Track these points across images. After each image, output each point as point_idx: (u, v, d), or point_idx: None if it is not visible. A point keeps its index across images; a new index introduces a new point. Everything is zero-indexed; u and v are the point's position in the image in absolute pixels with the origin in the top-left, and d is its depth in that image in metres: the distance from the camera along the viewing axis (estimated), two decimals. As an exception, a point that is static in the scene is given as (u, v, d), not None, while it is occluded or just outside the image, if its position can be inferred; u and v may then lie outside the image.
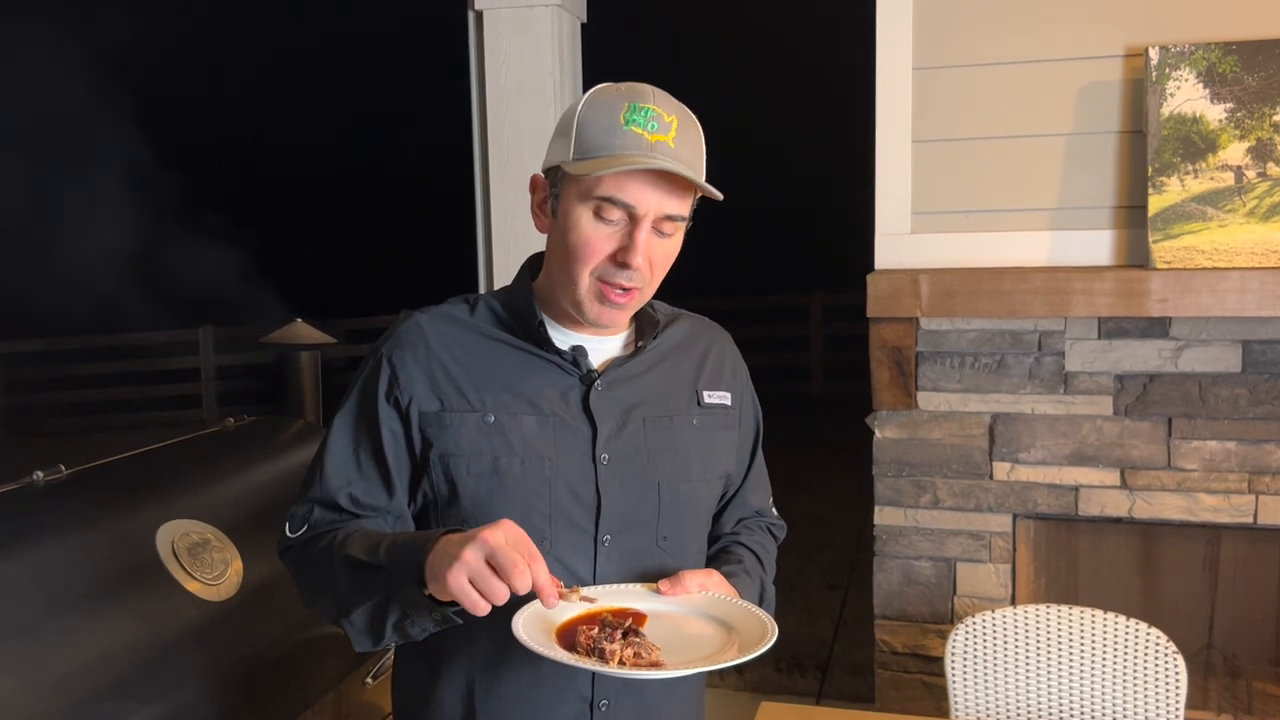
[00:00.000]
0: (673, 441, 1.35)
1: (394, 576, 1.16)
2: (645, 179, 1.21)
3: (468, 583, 1.06)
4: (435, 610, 1.14)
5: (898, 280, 2.49)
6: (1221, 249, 2.31)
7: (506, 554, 1.06)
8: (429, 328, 1.33)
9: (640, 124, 1.22)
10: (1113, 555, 2.68)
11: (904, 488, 2.63)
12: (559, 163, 1.26)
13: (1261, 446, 2.39)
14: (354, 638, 1.24)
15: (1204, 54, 2.34)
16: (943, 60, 2.56)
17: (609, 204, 1.22)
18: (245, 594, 1.92)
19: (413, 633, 1.20)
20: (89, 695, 1.55)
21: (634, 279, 1.25)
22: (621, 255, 1.23)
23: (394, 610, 1.18)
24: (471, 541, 1.07)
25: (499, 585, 1.06)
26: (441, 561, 1.08)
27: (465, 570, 1.06)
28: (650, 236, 1.24)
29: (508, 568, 1.06)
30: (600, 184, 1.22)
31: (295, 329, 2.80)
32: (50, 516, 1.84)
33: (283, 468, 2.35)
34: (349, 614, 1.22)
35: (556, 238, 1.29)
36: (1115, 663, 1.99)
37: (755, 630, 1.19)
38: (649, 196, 1.22)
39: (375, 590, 1.18)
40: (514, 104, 3.00)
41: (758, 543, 1.47)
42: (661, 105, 1.24)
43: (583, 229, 1.24)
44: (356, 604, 1.21)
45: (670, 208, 1.24)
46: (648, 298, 1.32)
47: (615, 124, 1.22)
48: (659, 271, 1.29)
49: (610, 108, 1.23)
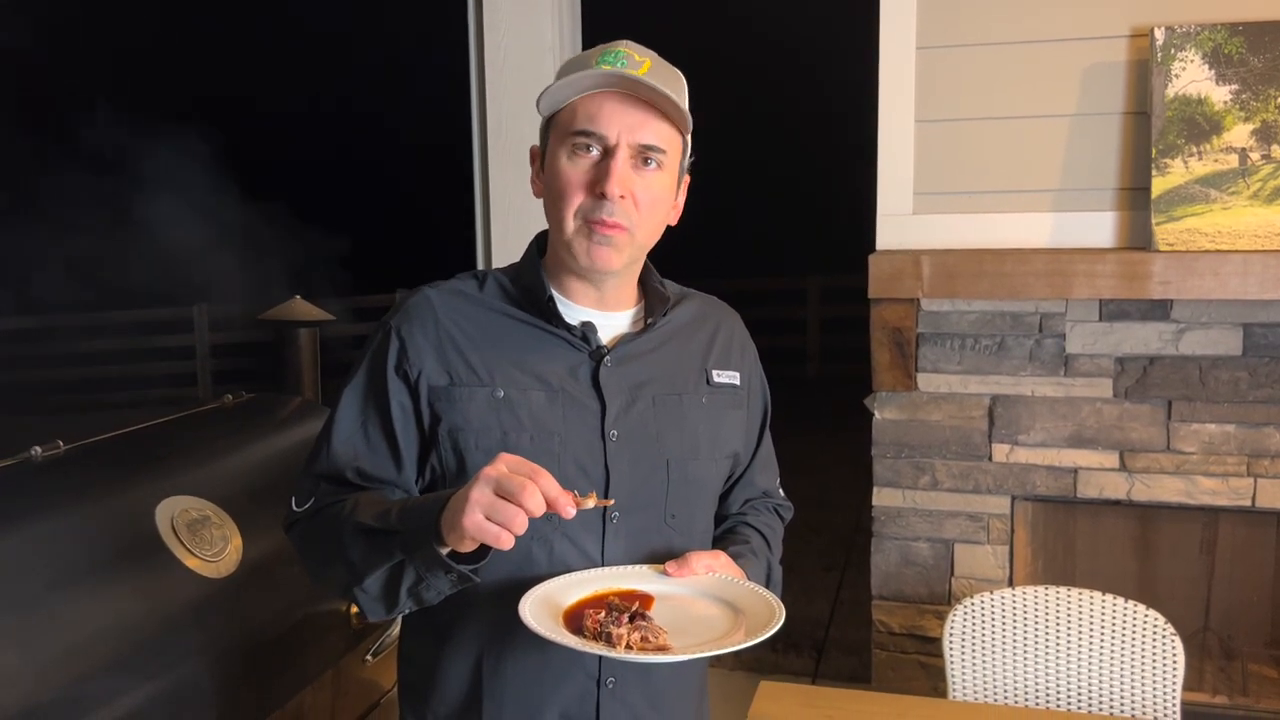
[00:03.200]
0: (681, 420, 1.34)
1: (409, 539, 1.15)
2: (616, 106, 1.22)
3: (484, 519, 1.05)
4: (452, 570, 1.13)
5: (899, 261, 2.48)
6: (1224, 231, 2.31)
7: (510, 479, 1.06)
8: (438, 301, 1.32)
9: (610, 62, 1.23)
10: (1110, 537, 2.69)
11: (903, 469, 2.63)
12: (542, 113, 1.28)
13: (1261, 430, 2.39)
14: (366, 606, 1.22)
15: (1210, 35, 2.32)
16: (947, 39, 2.55)
17: (582, 137, 1.22)
18: (245, 570, 1.91)
19: (427, 597, 1.19)
20: (88, 671, 1.55)
21: (614, 212, 1.22)
22: (597, 186, 1.22)
23: (409, 574, 1.17)
24: (474, 482, 1.07)
25: (513, 510, 1.05)
26: (454, 513, 1.08)
27: (478, 508, 1.06)
28: (628, 169, 1.23)
29: (516, 491, 1.05)
30: (573, 119, 1.23)
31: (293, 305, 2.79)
32: (48, 492, 1.83)
33: (282, 445, 2.34)
34: (361, 581, 1.20)
35: (546, 192, 1.29)
36: (1112, 644, 2.00)
37: (763, 612, 1.19)
38: (619, 122, 1.21)
39: (389, 554, 1.17)
40: (513, 80, 2.98)
41: (765, 524, 1.46)
42: (634, 50, 1.25)
43: (561, 168, 1.24)
44: (370, 570, 1.19)
45: (646, 136, 1.23)
46: (642, 243, 1.29)
47: (586, 65, 1.24)
48: (646, 211, 1.25)
49: (583, 57, 1.26)
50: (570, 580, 1.24)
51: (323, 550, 1.27)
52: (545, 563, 1.27)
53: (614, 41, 1.28)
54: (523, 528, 1.06)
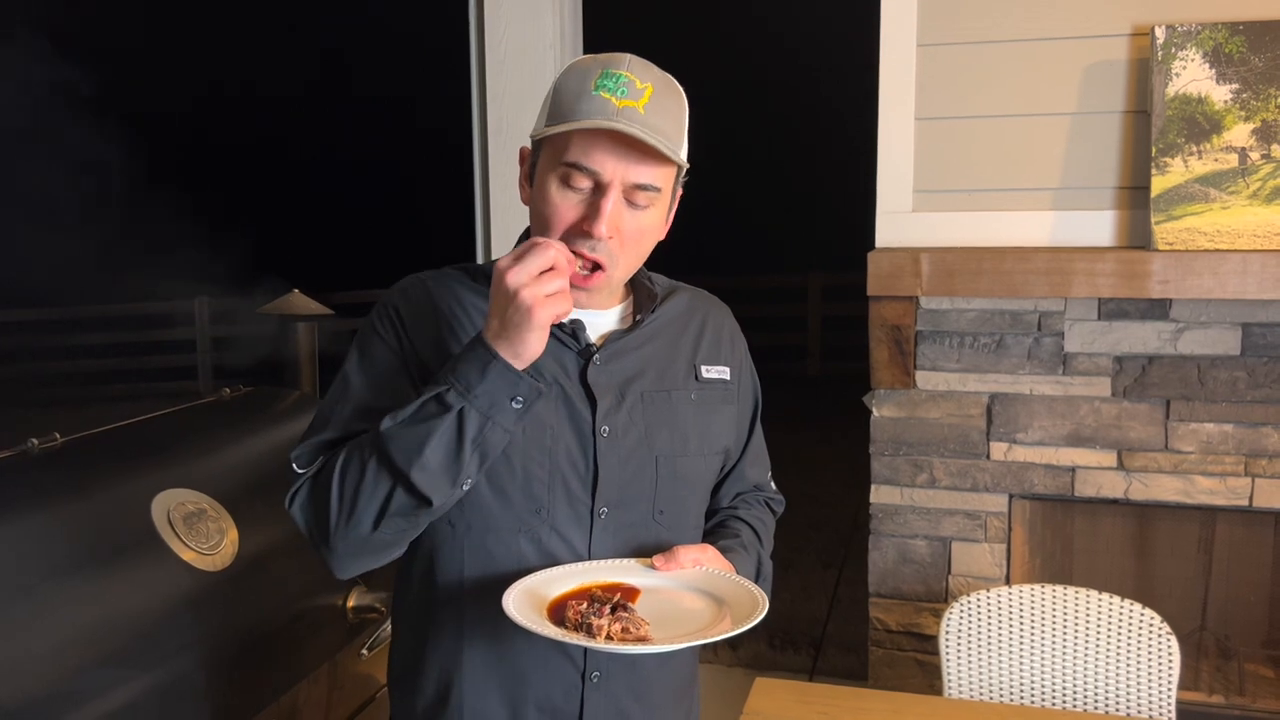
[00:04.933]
0: (671, 416, 1.34)
1: (462, 380, 1.13)
2: (611, 145, 1.18)
3: (530, 273, 1.10)
4: (518, 389, 1.13)
5: (899, 258, 2.48)
6: (1224, 231, 2.30)
7: (525, 248, 1.12)
8: (434, 286, 1.32)
9: (610, 89, 1.19)
10: (1108, 536, 2.69)
11: (901, 467, 2.63)
12: (535, 134, 1.25)
13: (1259, 429, 2.39)
14: (430, 485, 1.14)
15: (1210, 34, 2.32)
16: (948, 37, 2.54)
17: (575, 170, 1.19)
18: (241, 564, 1.91)
19: (493, 440, 1.15)
20: (84, 664, 1.55)
21: (598, 249, 1.20)
22: (586, 224, 1.20)
23: (472, 420, 1.13)
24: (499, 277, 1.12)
25: (545, 251, 1.12)
26: (510, 315, 1.11)
27: (522, 273, 1.10)
28: (619, 207, 1.20)
29: (534, 255, 1.11)
30: (567, 150, 1.19)
31: (292, 300, 2.78)
32: (45, 484, 1.83)
33: (279, 439, 2.33)
34: (420, 459, 1.13)
35: (533, 208, 1.27)
36: (1109, 643, 2.00)
37: (746, 604, 1.19)
38: (614, 163, 1.18)
39: (448, 408, 1.13)
40: (514, 76, 2.98)
41: (755, 517, 1.46)
42: (636, 72, 1.20)
43: (550, 197, 1.22)
44: (428, 440, 1.13)
45: (640, 176, 1.20)
46: (621, 276, 1.28)
47: (585, 89, 1.19)
48: (631, 246, 1.24)
49: (583, 75, 1.21)
50: (556, 574, 1.24)
51: (348, 484, 1.18)
52: (533, 557, 1.27)
53: (616, 56, 1.23)
54: (559, 253, 1.13)
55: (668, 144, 1.19)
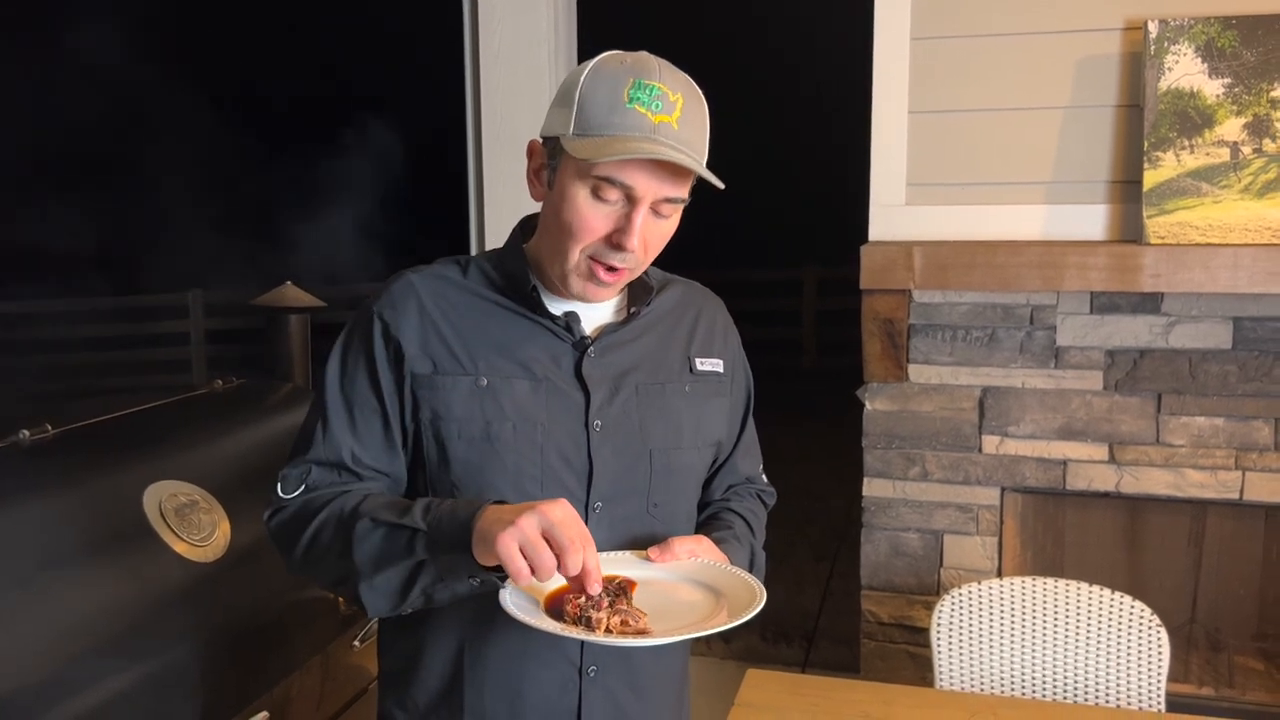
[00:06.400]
0: (664, 409, 1.34)
1: (437, 538, 1.14)
2: (646, 163, 1.18)
3: (518, 550, 1.05)
4: (477, 574, 1.13)
5: (891, 252, 2.48)
6: (1215, 225, 2.31)
7: (564, 531, 1.06)
8: (421, 286, 1.31)
9: (644, 103, 1.17)
10: (1099, 529, 2.70)
11: (893, 460, 2.63)
12: (558, 135, 1.22)
13: (1249, 423, 2.40)
14: (372, 602, 1.20)
15: (1203, 28, 2.32)
16: (941, 30, 2.54)
17: (607, 184, 1.19)
18: (233, 555, 1.91)
19: (439, 597, 1.18)
20: (76, 654, 1.55)
21: (627, 260, 1.23)
22: (617, 237, 1.21)
23: (426, 574, 1.16)
24: (529, 511, 1.07)
25: (549, 559, 1.05)
26: (494, 525, 1.08)
27: (518, 537, 1.05)
28: (647, 218, 1.21)
29: (565, 545, 1.06)
30: (599, 164, 1.18)
31: (284, 292, 2.78)
32: (36, 475, 1.83)
33: (271, 431, 2.34)
34: (371, 577, 1.18)
35: (551, 210, 1.26)
36: (1099, 635, 2.01)
37: (743, 595, 1.19)
38: (649, 181, 1.18)
39: (410, 552, 1.16)
40: (508, 70, 2.97)
41: (748, 509, 1.47)
42: (667, 82, 1.19)
43: (579, 207, 1.21)
44: (383, 567, 1.18)
45: (669, 190, 1.20)
46: (635, 276, 1.30)
47: (618, 101, 1.18)
48: (652, 252, 1.27)
49: (614, 82, 1.19)
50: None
51: (318, 542, 1.24)
52: None
53: (643, 60, 1.21)
54: (549, 577, 1.07)
55: (701, 163, 1.21)
